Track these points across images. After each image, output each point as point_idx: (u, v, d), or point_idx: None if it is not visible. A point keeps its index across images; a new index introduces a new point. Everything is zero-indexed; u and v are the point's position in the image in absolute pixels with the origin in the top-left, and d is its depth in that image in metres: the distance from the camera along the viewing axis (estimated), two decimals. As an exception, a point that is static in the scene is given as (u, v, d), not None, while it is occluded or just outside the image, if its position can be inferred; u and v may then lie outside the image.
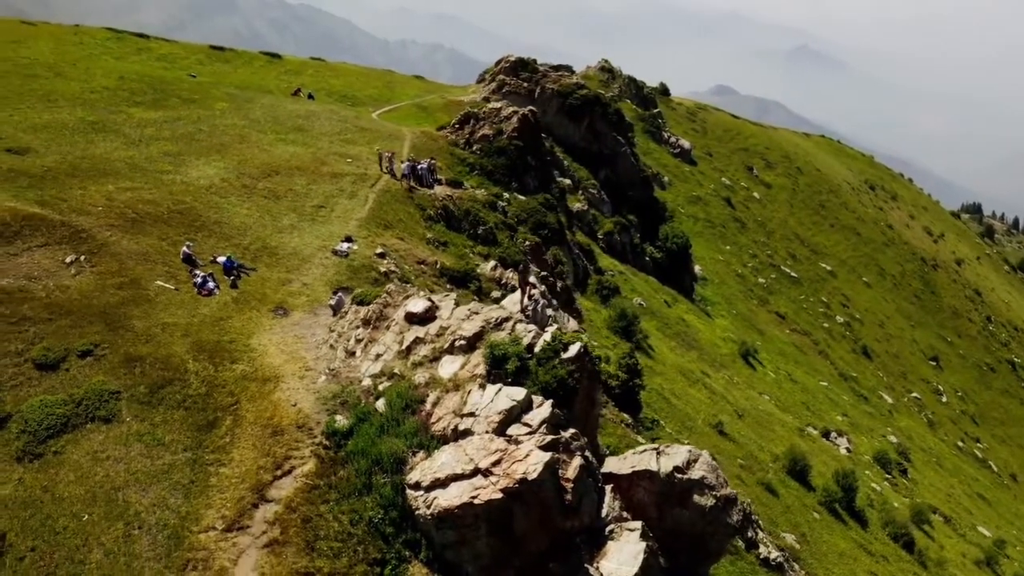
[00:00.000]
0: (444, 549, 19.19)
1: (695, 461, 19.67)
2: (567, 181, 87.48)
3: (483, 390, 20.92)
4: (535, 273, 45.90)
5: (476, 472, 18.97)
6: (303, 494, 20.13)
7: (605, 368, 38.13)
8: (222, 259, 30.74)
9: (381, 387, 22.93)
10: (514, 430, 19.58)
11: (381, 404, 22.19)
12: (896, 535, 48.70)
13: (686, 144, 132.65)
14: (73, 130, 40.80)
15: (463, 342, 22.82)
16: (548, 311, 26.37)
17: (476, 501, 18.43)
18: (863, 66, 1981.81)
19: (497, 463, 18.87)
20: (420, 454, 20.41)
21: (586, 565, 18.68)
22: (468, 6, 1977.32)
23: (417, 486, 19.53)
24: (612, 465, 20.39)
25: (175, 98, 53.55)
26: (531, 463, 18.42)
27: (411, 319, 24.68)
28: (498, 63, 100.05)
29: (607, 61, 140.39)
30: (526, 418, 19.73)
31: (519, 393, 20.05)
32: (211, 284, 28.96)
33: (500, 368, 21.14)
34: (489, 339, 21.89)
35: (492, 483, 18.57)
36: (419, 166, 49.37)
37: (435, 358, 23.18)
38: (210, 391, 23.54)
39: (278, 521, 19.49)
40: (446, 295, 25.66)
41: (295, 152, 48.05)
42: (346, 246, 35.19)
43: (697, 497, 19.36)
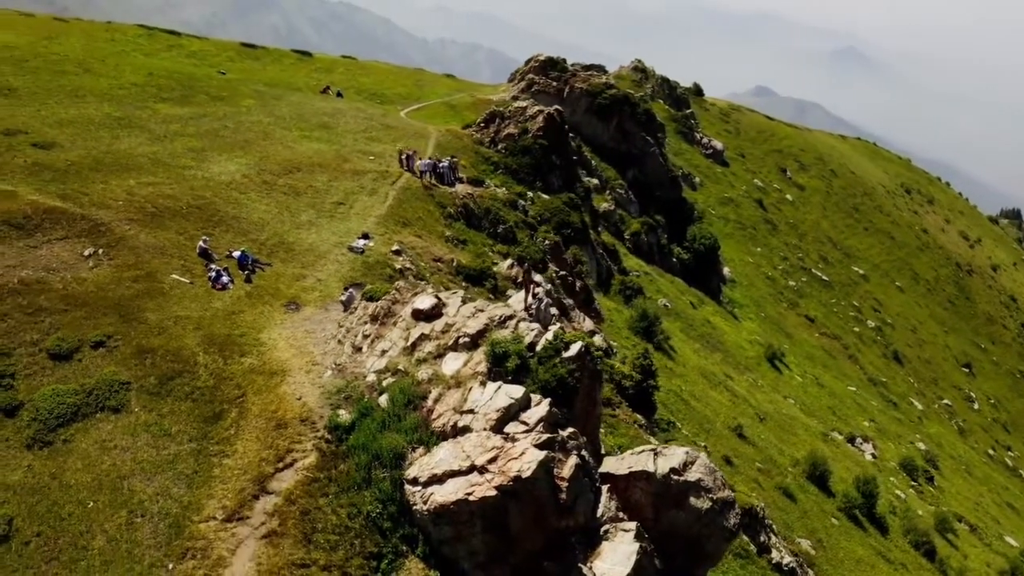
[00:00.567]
0: (441, 545, 19.28)
1: (692, 463, 19.57)
2: (594, 181, 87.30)
3: (484, 387, 20.99)
4: (553, 272, 45.97)
5: (472, 469, 19.04)
6: (303, 487, 20.36)
7: (620, 368, 38.05)
8: (237, 254, 31.14)
9: (385, 383, 23.09)
10: (511, 428, 19.63)
11: (384, 400, 22.36)
12: (917, 543, 48.00)
13: (718, 145, 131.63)
14: (99, 125, 41.57)
15: (467, 339, 22.92)
16: (552, 310, 26.36)
17: (471, 498, 18.49)
18: (904, 69, 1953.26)
19: (493, 460, 18.92)
20: (419, 450, 20.53)
21: (580, 565, 18.66)
22: (507, 5, 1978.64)
23: (415, 481, 19.64)
24: (610, 465, 20.35)
25: (203, 95, 54.32)
26: (526, 461, 18.45)
27: (418, 316, 24.82)
28: (528, 62, 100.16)
29: (640, 61, 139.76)
30: (524, 416, 19.77)
31: (517, 391, 20.10)
32: (225, 278, 29.34)
33: (501, 366, 21.21)
34: (491, 337, 21.95)
35: (487, 480, 18.63)
36: (440, 164, 49.57)
37: (439, 355, 23.29)
38: (218, 383, 23.89)
39: (277, 513, 19.74)
40: (453, 292, 25.77)
41: (318, 149, 48.50)
42: (362, 243, 35.44)
43: (693, 499, 19.26)
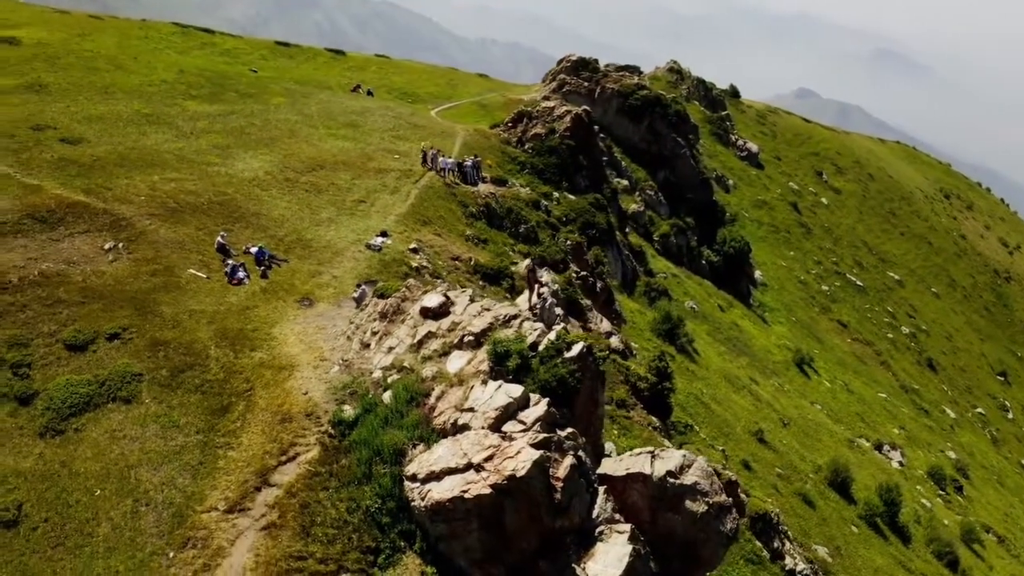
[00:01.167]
0: (438, 541, 19.41)
1: (689, 466, 19.50)
2: (624, 182, 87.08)
3: (485, 386, 21.10)
4: (573, 273, 45.97)
5: (469, 467, 19.15)
6: (304, 480, 20.62)
7: (635, 370, 37.97)
8: (254, 249, 31.59)
9: (390, 379, 23.30)
10: (509, 427, 19.71)
11: (388, 396, 22.58)
12: (940, 553, 47.26)
13: (753, 147, 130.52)
14: (127, 121, 42.41)
15: (471, 338, 23.06)
16: (557, 310, 26.39)
17: (467, 495, 18.60)
18: (948, 72, 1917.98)
19: (489, 459, 19.01)
20: (420, 447, 20.69)
21: (573, 565, 18.70)
22: (549, 5, 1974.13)
23: (414, 478, 19.79)
24: (608, 466, 20.36)
25: (232, 92, 55.11)
26: (521, 460, 18.52)
27: (425, 314, 25.01)
28: (559, 62, 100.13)
29: (676, 62, 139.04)
30: (522, 415, 19.84)
31: (516, 390, 20.18)
32: (241, 274, 29.79)
33: (502, 365, 21.31)
34: (493, 336, 22.07)
35: (483, 478, 18.73)
36: (464, 163, 49.81)
37: (445, 353, 23.46)
38: (227, 377, 24.29)
39: (278, 505, 20.02)
40: (462, 291, 25.92)
41: (343, 147, 48.98)
42: (380, 240, 35.75)
43: (689, 503, 19.20)
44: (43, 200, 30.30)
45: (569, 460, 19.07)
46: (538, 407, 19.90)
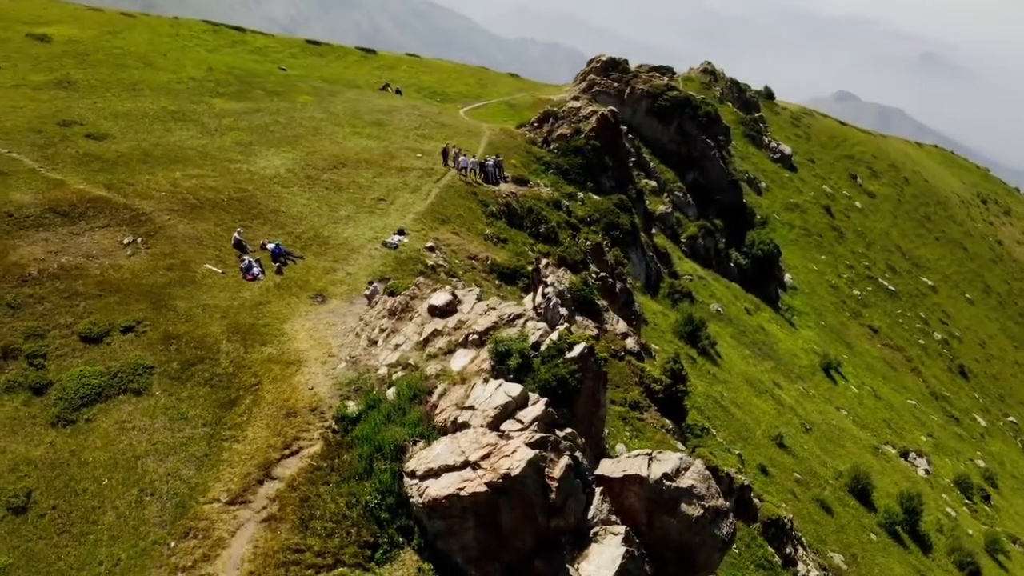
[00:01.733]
0: (436, 538, 19.52)
1: (686, 469, 19.41)
2: (652, 183, 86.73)
3: (486, 384, 21.21)
4: (592, 273, 45.90)
5: (466, 464, 19.24)
6: (306, 474, 20.88)
7: (650, 372, 37.84)
8: (271, 246, 31.97)
9: (395, 376, 23.49)
10: (507, 425, 19.80)
11: (391, 393, 22.76)
12: (962, 563, 46.51)
13: (787, 149, 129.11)
14: (153, 118, 43.11)
15: (475, 336, 23.18)
16: (561, 310, 26.40)
17: (463, 493, 18.69)
18: (990, 76, 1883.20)
19: (486, 457, 19.10)
20: (420, 443, 20.83)
21: (567, 566, 18.73)
22: (588, 6, 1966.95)
23: (413, 474, 19.92)
24: (605, 468, 20.33)
25: (259, 90, 55.75)
26: (516, 459, 18.57)
27: (433, 312, 25.18)
28: (589, 62, 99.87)
29: (709, 63, 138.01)
30: (520, 414, 19.91)
31: (515, 389, 20.26)
32: (256, 269, 30.18)
33: (503, 364, 21.40)
34: (494, 335, 22.17)
35: (479, 476, 18.82)
36: (487, 163, 49.94)
37: (450, 351, 23.60)
38: (236, 371, 24.65)
39: (278, 498, 20.30)
40: (469, 289, 26.05)
41: (366, 145, 49.34)
42: (396, 238, 35.98)
43: (685, 506, 19.12)
44: (65, 195, 30.95)
45: (565, 460, 19.11)
46: (536, 406, 19.96)
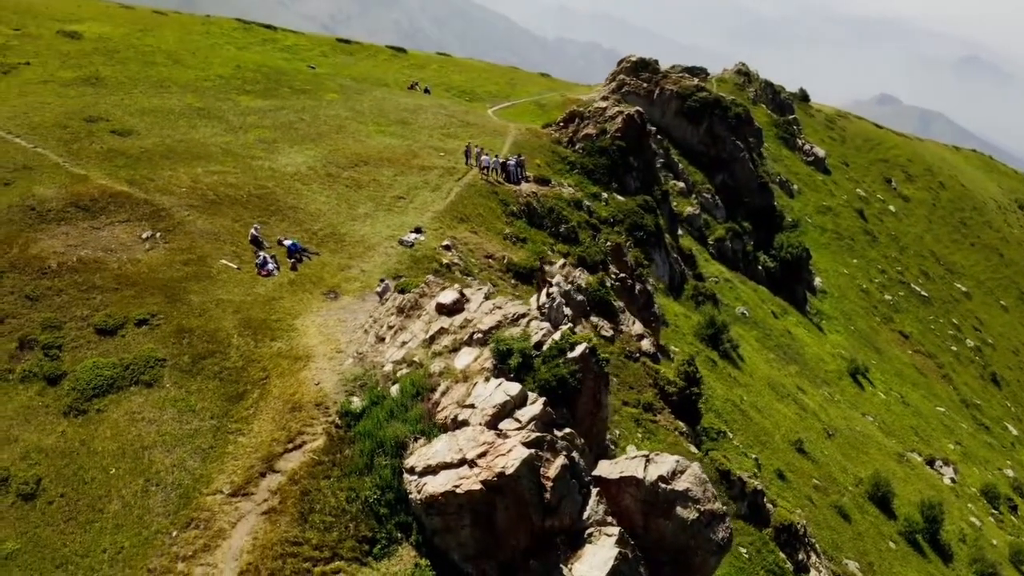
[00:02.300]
0: (433, 535, 19.68)
1: (681, 472, 19.37)
2: (680, 184, 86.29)
3: (487, 383, 21.32)
4: (611, 274, 45.83)
5: (463, 462, 19.37)
6: (307, 468, 21.14)
7: (664, 374, 37.71)
8: (287, 243, 32.37)
9: (399, 373, 23.69)
10: (505, 424, 19.90)
11: (395, 390, 22.96)
12: (983, 573, 45.78)
13: (820, 152, 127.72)
14: (178, 115, 43.81)
15: (480, 335, 23.29)
16: (566, 310, 26.42)
17: (459, 491, 18.82)
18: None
19: (483, 455, 19.21)
20: (421, 440, 21.00)
21: (561, 566, 18.79)
22: (629, 6, 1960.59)
23: (412, 471, 20.10)
24: (603, 469, 20.35)
25: (286, 88, 56.36)
26: (511, 458, 18.67)
27: (440, 310, 25.33)
28: (619, 63, 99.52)
29: (744, 64, 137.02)
30: (518, 413, 20.00)
31: (514, 388, 20.35)
32: (271, 265, 30.58)
33: (504, 363, 21.49)
34: (497, 334, 22.27)
35: (475, 474, 18.93)
36: (508, 162, 50.02)
37: (455, 349, 23.74)
38: (246, 365, 25.02)
39: (280, 491, 20.58)
40: (478, 288, 26.18)
41: (389, 144, 49.67)
42: (413, 236, 36.21)
43: (680, 509, 19.08)
44: (88, 189, 31.59)
45: (561, 460, 19.16)
46: (534, 406, 20.04)
